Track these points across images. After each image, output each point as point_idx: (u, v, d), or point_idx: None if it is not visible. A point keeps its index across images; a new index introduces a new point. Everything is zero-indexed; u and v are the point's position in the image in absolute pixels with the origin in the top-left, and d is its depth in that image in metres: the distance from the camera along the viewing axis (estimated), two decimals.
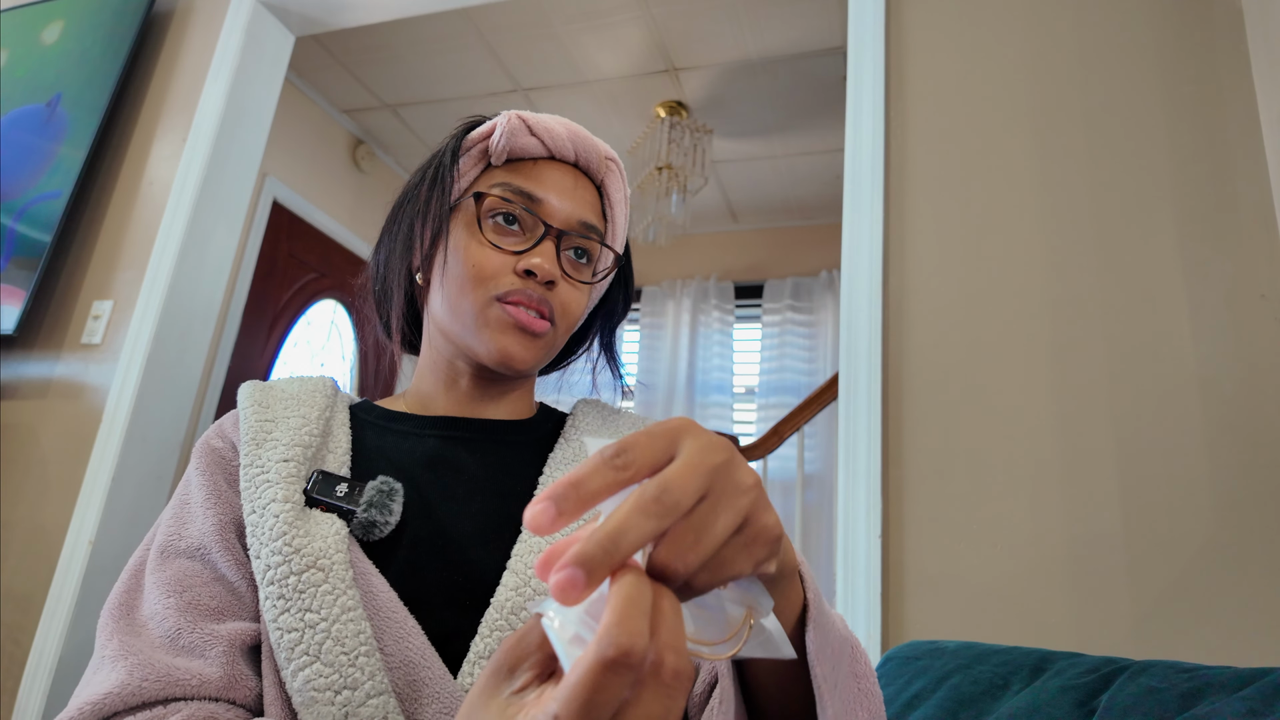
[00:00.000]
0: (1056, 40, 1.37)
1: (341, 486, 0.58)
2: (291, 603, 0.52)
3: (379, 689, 0.49)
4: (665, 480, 0.29)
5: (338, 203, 3.49)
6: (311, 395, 0.67)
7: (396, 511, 0.58)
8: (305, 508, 0.57)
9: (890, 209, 1.38)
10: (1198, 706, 0.60)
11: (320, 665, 0.50)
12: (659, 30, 2.77)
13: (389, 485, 0.58)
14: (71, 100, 2.05)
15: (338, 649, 0.50)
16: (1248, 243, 1.17)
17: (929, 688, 0.78)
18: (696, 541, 0.29)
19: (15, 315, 1.87)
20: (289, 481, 0.57)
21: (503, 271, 0.64)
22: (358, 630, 0.51)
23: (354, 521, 0.57)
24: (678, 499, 0.29)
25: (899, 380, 1.29)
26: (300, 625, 0.51)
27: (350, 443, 0.65)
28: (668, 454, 0.31)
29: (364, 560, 0.55)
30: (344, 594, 0.52)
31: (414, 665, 0.51)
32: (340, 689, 0.49)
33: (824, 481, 3.54)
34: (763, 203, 3.94)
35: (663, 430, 0.31)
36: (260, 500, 0.57)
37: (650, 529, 0.28)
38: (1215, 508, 1.09)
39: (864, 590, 1.20)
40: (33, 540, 1.73)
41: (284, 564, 0.53)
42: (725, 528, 0.30)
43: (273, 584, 0.53)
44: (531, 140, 0.66)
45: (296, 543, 0.54)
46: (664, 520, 0.29)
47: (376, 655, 0.51)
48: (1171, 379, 1.15)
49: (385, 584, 0.54)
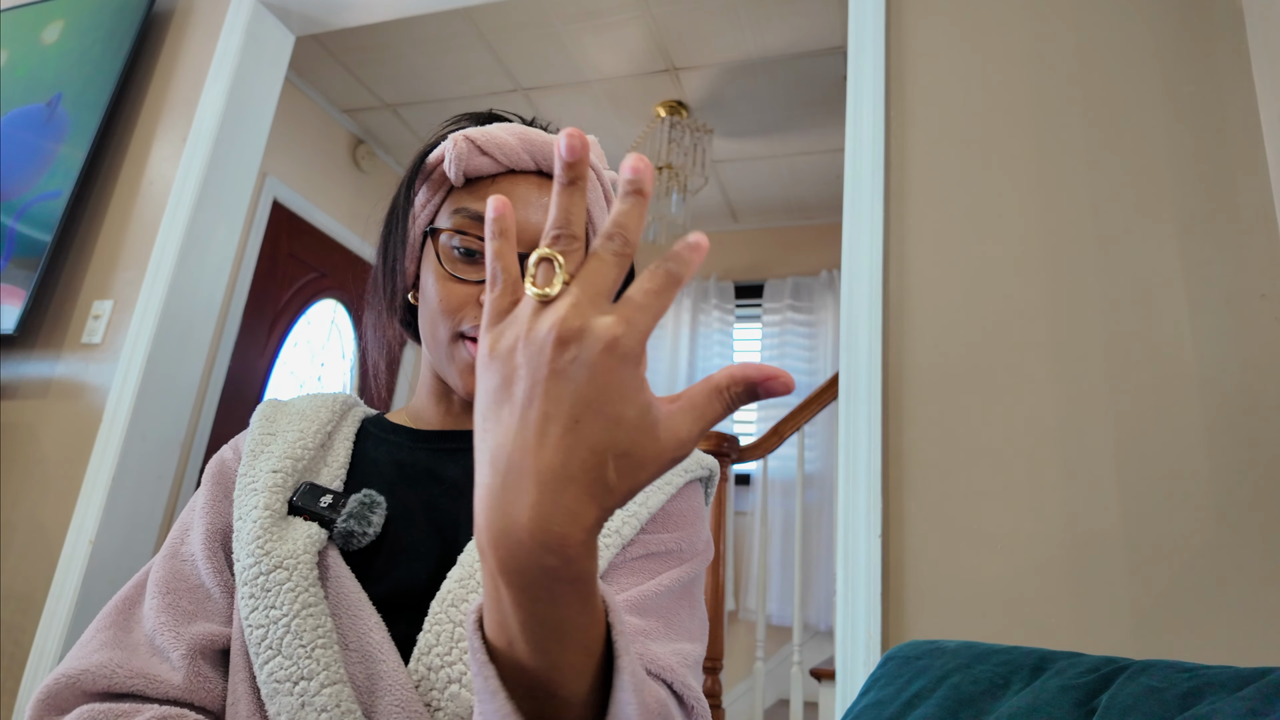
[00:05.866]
0: (1057, 40, 1.37)
1: (326, 497, 0.61)
2: (260, 600, 0.55)
3: (333, 679, 0.52)
4: None
5: (338, 202, 3.49)
6: (317, 411, 0.69)
7: (376, 523, 0.60)
8: (287, 515, 0.60)
9: (890, 209, 1.38)
10: (1198, 706, 0.60)
11: (280, 658, 0.52)
12: (659, 30, 2.77)
13: (371, 498, 0.61)
14: (72, 100, 2.05)
15: (296, 642, 0.52)
16: (1248, 243, 1.17)
17: (929, 687, 0.79)
18: None
19: (15, 315, 1.87)
20: (273, 491, 0.60)
21: (466, 303, 0.64)
22: (316, 625, 0.53)
23: (334, 531, 0.59)
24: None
25: (899, 380, 1.29)
26: (266, 621, 0.54)
27: (349, 455, 0.68)
28: None
29: (340, 564, 0.58)
30: (305, 591, 0.55)
31: (372, 658, 0.54)
32: (298, 680, 0.52)
33: (824, 481, 3.54)
34: (763, 202, 3.94)
35: None
36: (246, 507, 0.60)
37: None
38: (1215, 507, 1.09)
39: (864, 590, 1.20)
40: (33, 540, 1.73)
41: (255, 565, 0.56)
42: None
43: (246, 584, 0.56)
44: (484, 159, 0.65)
45: (268, 546, 0.57)
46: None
47: (334, 648, 0.53)
48: (1171, 379, 1.15)
49: (357, 585, 0.57)
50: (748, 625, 3.53)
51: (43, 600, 1.66)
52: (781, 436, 2.64)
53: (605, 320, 0.32)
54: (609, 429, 0.31)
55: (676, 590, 0.61)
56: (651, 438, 0.32)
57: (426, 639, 0.54)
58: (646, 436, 0.32)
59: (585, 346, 0.31)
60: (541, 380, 0.31)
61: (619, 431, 0.32)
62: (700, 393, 0.34)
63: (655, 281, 0.33)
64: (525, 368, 0.32)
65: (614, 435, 0.32)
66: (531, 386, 0.32)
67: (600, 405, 0.31)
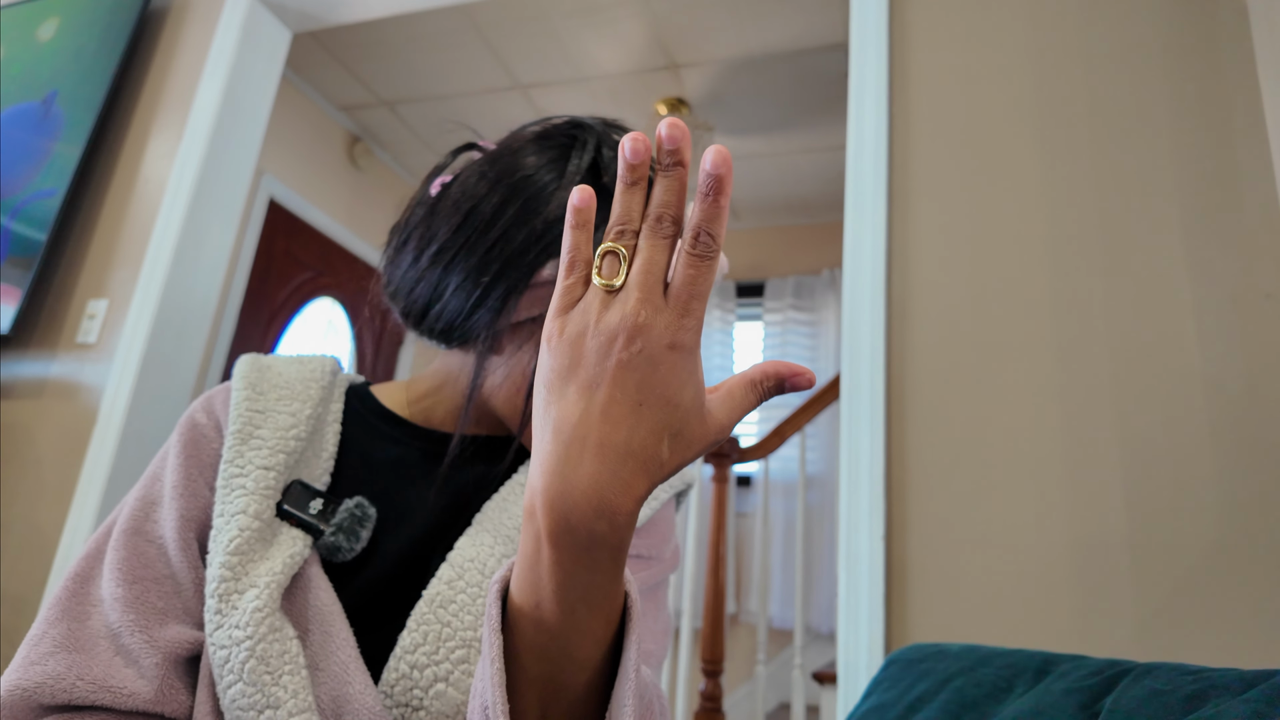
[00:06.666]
0: (1061, 37, 1.36)
1: (316, 503, 0.58)
2: (225, 618, 0.52)
3: (301, 707, 0.50)
4: None
5: (335, 201, 3.48)
6: (306, 385, 0.64)
7: (364, 538, 0.58)
8: (274, 519, 0.56)
9: (893, 207, 1.37)
10: (1203, 709, 0.59)
11: (243, 684, 0.50)
12: (660, 26, 2.76)
13: (363, 510, 0.58)
14: (67, 97, 2.04)
15: (262, 668, 0.50)
16: (1253, 242, 1.16)
17: (932, 690, 0.78)
18: None
19: (10, 314, 1.85)
20: (264, 495, 0.56)
21: None
22: (283, 650, 0.51)
23: (320, 541, 0.57)
24: None
25: (902, 380, 1.28)
26: (229, 642, 0.51)
27: (337, 442, 0.64)
28: None
29: (320, 576, 0.55)
30: (273, 615, 0.52)
31: (339, 679, 0.51)
32: (264, 708, 0.49)
33: (826, 482, 3.53)
34: (764, 200, 3.93)
35: None
36: (230, 507, 0.56)
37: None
38: (1220, 508, 1.08)
39: (867, 592, 1.19)
40: (28, 540, 1.73)
41: (225, 582, 0.53)
42: None
43: (213, 597, 0.53)
44: None
45: (247, 565, 0.53)
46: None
47: (302, 673, 0.51)
48: (1176, 379, 1.14)
49: (333, 597, 0.55)
50: (749, 628, 3.52)
51: (38, 601, 1.66)
52: (783, 437, 2.63)
53: (666, 318, 0.35)
54: (667, 411, 0.36)
55: (645, 591, 0.62)
56: (700, 421, 0.37)
57: (412, 638, 0.53)
58: (697, 419, 0.36)
59: (650, 341, 0.35)
60: (610, 369, 0.35)
61: (675, 414, 0.36)
62: (738, 384, 0.38)
63: (696, 268, 0.36)
64: (594, 354, 0.36)
65: (671, 417, 0.36)
66: (599, 373, 0.35)
67: (660, 391, 0.35)
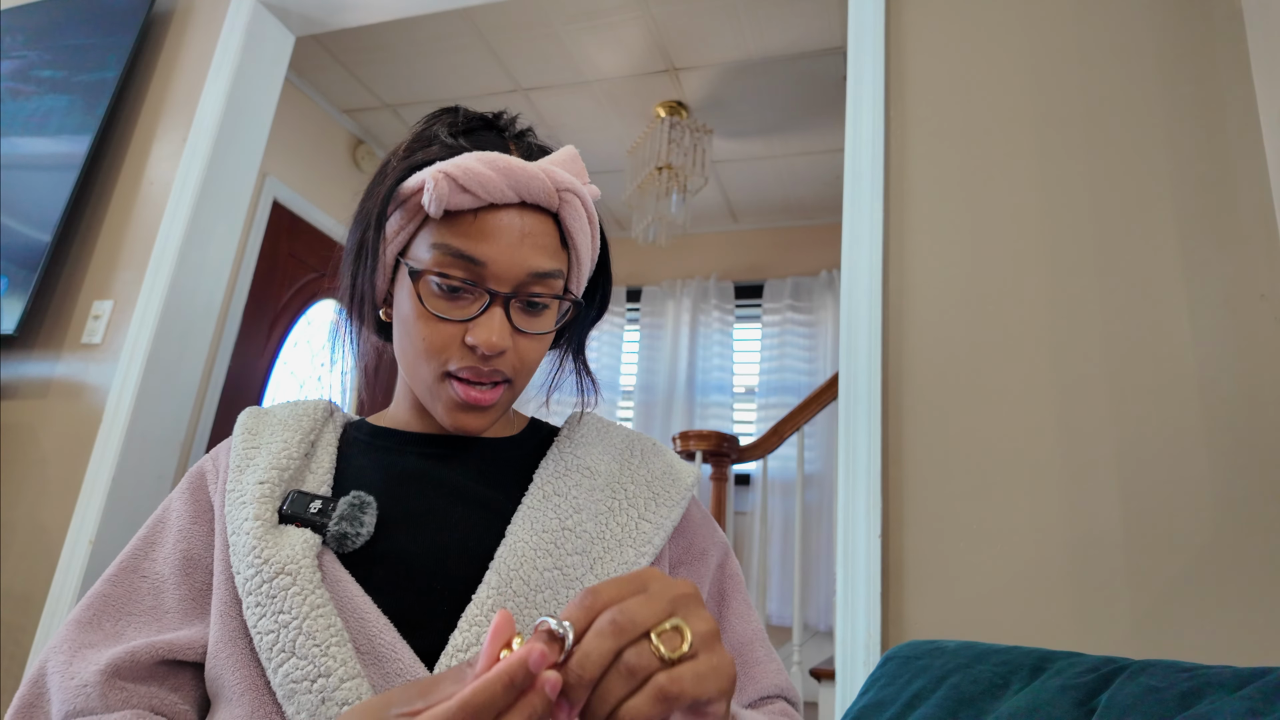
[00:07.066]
0: (1057, 40, 1.37)
1: (315, 503, 0.61)
2: (266, 607, 0.55)
3: (352, 673, 0.53)
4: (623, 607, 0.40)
5: (338, 203, 3.49)
6: (299, 420, 0.69)
7: (368, 523, 0.60)
8: (279, 524, 0.60)
9: (890, 208, 1.38)
10: (1197, 706, 0.60)
11: (296, 659, 0.53)
12: (659, 30, 2.77)
13: (360, 499, 0.60)
14: (72, 100, 2.04)
15: (310, 643, 0.53)
16: (1247, 243, 1.17)
17: (929, 687, 0.78)
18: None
19: (16, 315, 1.87)
20: (261, 501, 0.60)
21: (451, 343, 0.63)
22: (328, 624, 0.54)
23: (327, 535, 0.59)
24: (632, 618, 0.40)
25: (899, 380, 1.29)
26: (275, 626, 0.54)
27: (334, 461, 0.67)
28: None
29: (339, 569, 0.58)
30: (312, 593, 0.55)
31: (385, 659, 0.54)
32: (315, 678, 0.52)
33: (824, 481, 3.54)
34: (763, 202, 3.94)
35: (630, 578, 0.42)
36: (237, 520, 0.60)
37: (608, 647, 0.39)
38: (1215, 507, 1.09)
39: (864, 590, 1.20)
40: (33, 540, 1.73)
41: (256, 574, 0.56)
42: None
43: (250, 594, 0.56)
44: (464, 196, 0.61)
45: (266, 554, 0.57)
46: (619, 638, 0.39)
47: (348, 645, 0.54)
48: (1171, 379, 1.15)
49: (359, 589, 0.57)
50: None
51: (43, 600, 1.66)
52: (781, 436, 2.64)
53: None
54: None
55: (729, 578, 0.71)
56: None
57: (465, 637, 0.55)
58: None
59: None
60: None
61: None
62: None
63: None
64: None
65: None
66: None
67: None
